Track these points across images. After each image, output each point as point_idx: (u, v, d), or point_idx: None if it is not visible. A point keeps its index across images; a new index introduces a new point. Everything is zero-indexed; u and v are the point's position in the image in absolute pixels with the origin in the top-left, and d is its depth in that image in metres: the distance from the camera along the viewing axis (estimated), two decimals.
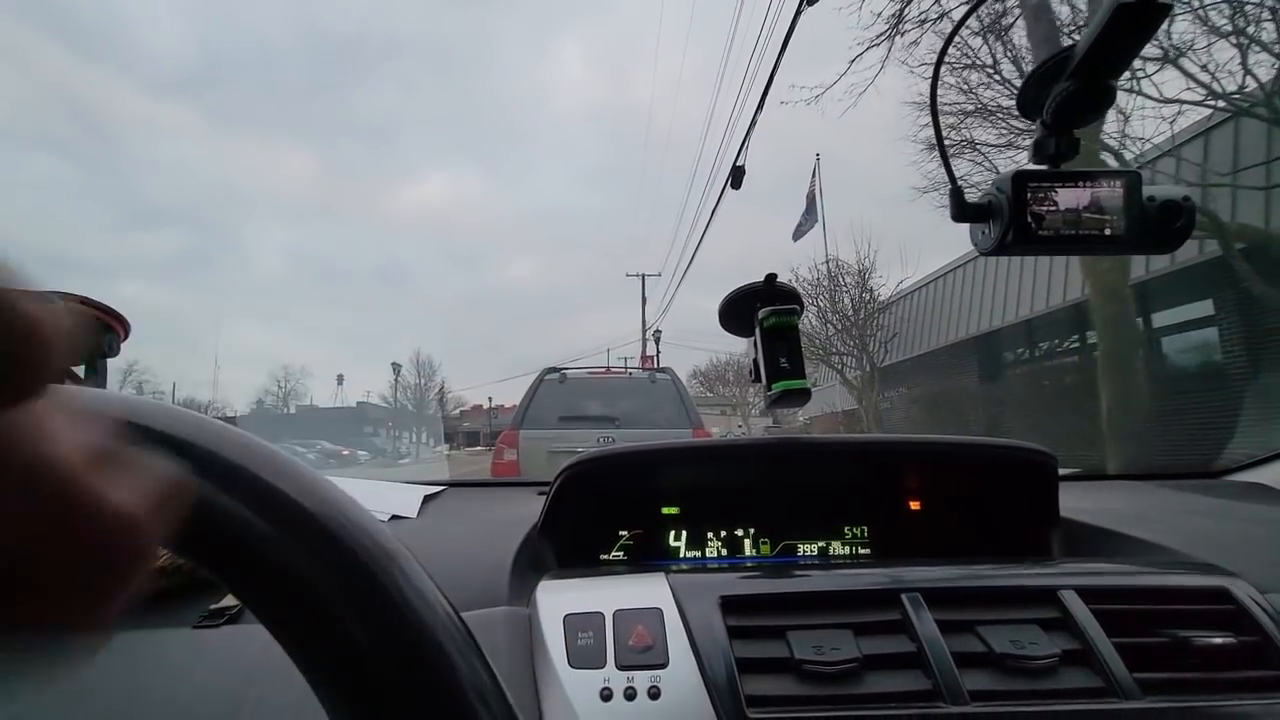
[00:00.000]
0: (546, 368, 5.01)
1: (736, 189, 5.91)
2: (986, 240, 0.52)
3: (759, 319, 0.68)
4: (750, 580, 0.54)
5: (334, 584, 0.21)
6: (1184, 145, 5.79)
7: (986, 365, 10.20)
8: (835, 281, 12.71)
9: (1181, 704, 0.44)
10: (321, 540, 0.21)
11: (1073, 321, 8.31)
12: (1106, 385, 4.91)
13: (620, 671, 0.47)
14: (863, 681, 0.45)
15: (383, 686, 0.20)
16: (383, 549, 0.22)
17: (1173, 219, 0.50)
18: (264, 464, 0.22)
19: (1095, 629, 0.48)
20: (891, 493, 0.82)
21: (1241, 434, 4.08)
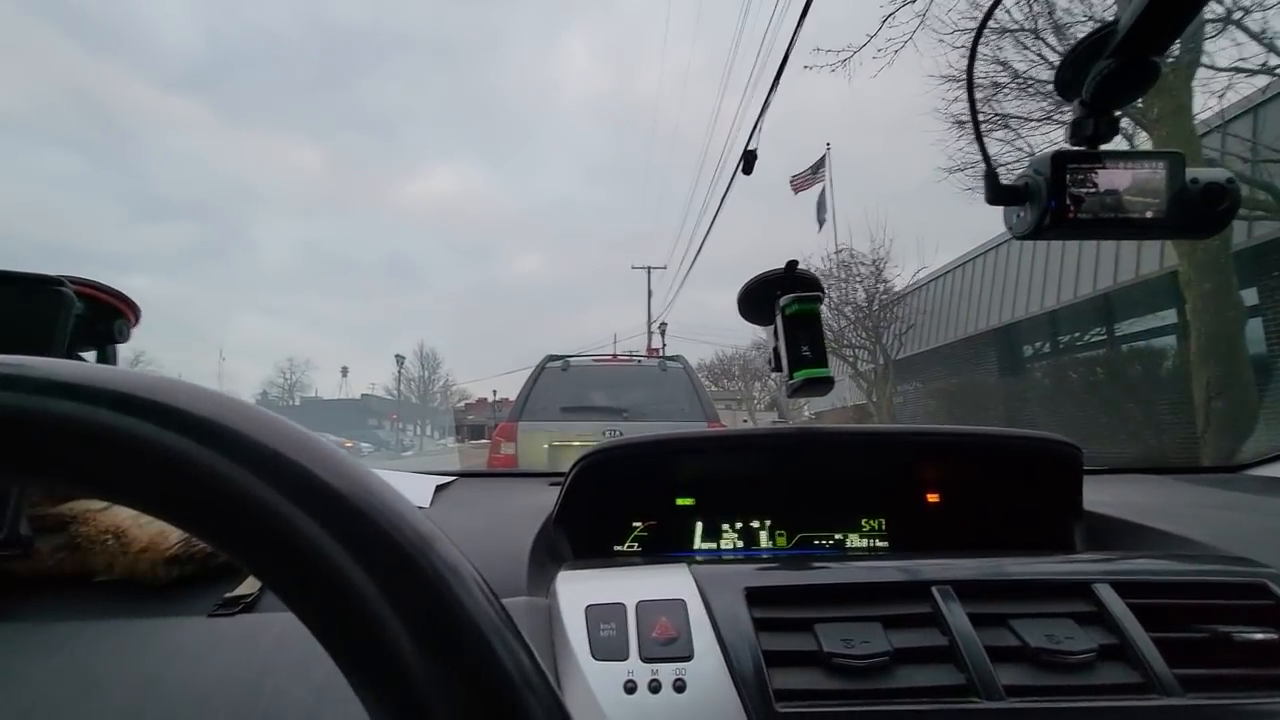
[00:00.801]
0: (548, 355, 4.67)
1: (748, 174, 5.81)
2: (1023, 224, 0.50)
3: (780, 306, 0.67)
4: (775, 571, 0.53)
5: (367, 568, 0.19)
6: (1233, 121, 5.56)
7: (1008, 358, 10.03)
8: (848, 271, 12.59)
9: (1225, 701, 0.43)
10: (352, 521, 0.20)
11: (1100, 312, 8.12)
12: (1205, 371, 4.39)
13: (645, 664, 0.46)
14: (894, 675, 0.44)
15: (422, 674, 0.19)
16: (417, 531, 0.21)
17: (1216, 202, 0.48)
18: (288, 443, 0.21)
19: (1132, 623, 0.47)
20: (910, 485, 0.81)
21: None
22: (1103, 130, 0.50)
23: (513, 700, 0.19)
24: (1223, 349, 4.36)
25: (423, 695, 0.19)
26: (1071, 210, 0.48)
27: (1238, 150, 5.41)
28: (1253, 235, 5.42)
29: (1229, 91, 5.29)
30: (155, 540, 0.58)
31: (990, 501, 0.78)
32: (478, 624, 0.20)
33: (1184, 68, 4.53)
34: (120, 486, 0.20)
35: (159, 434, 0.20)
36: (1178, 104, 4.44)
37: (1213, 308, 4.39)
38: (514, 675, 0.20)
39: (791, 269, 0.70)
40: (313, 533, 0.20)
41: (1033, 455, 0.73)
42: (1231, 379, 4.32)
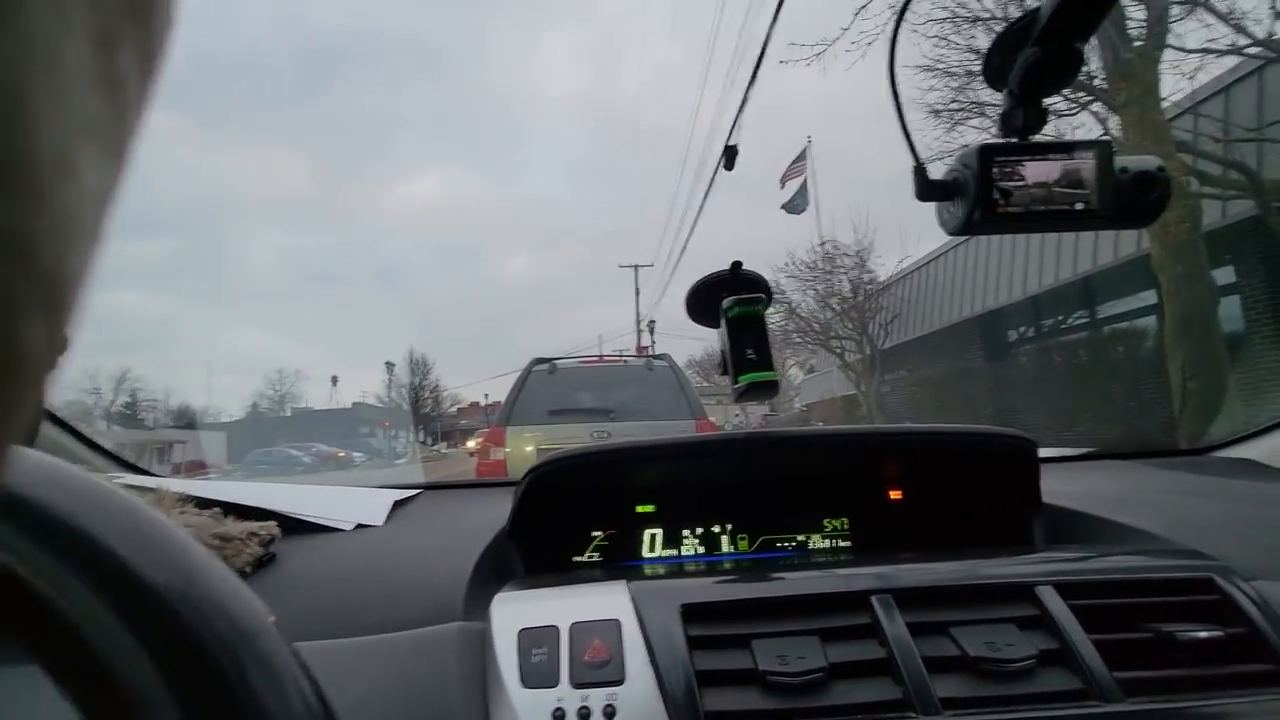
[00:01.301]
0: (534, 358, 4.71)
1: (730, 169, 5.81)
2: (953, 219, 0.49)
3: (724, 309, 0.66)
4: (715, 585, 0.52)
5: (158, 671, 0.17)
6: (1205, 102, 5.60)
7: (992, 344, 10.09)
8: (833, 263, 12.61)
9: (1165, 705, 0.42)
10: (150, 617, 0.18)
11: (1082, 295, 8.18)
12: (1179, 353, 4.39)
13: (575, 690, 0.44)
14: (829, 692, 0.43)
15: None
16: (235, 628, 0.19)
17: (1148, 190, 0.47)
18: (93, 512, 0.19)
19: (1074, 626, 0.45)
20: (871, 484, 0.80)
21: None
22: (1031, 120, 0.48)
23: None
24: (1196, 330, 4.38)
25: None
26: (1001, 204, 0.47)
27: (1210, 131, 5.45)
28: (1227, 215, 5.47)
29: (1199, 73, 5.34)
30: None
31: (950, 498, 0.77)
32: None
33: (1151, 51, 4.56)
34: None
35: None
36: (1146, 87, 4.45)
37: (1185, 289, 4.40)
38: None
39: (736, 270, 0.68)
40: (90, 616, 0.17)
41: (988, 451, 0.72)
42: (1205, 359, 4.34)
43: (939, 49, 6.77)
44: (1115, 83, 4.62)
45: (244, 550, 0.65)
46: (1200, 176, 5.01)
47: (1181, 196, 4.39)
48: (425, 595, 0.56)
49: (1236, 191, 4.98)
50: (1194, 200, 4.54)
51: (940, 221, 0.50)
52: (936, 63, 6.88)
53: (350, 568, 0.65)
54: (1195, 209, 4.47)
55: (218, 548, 0.63)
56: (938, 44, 6.70)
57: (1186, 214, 4.38)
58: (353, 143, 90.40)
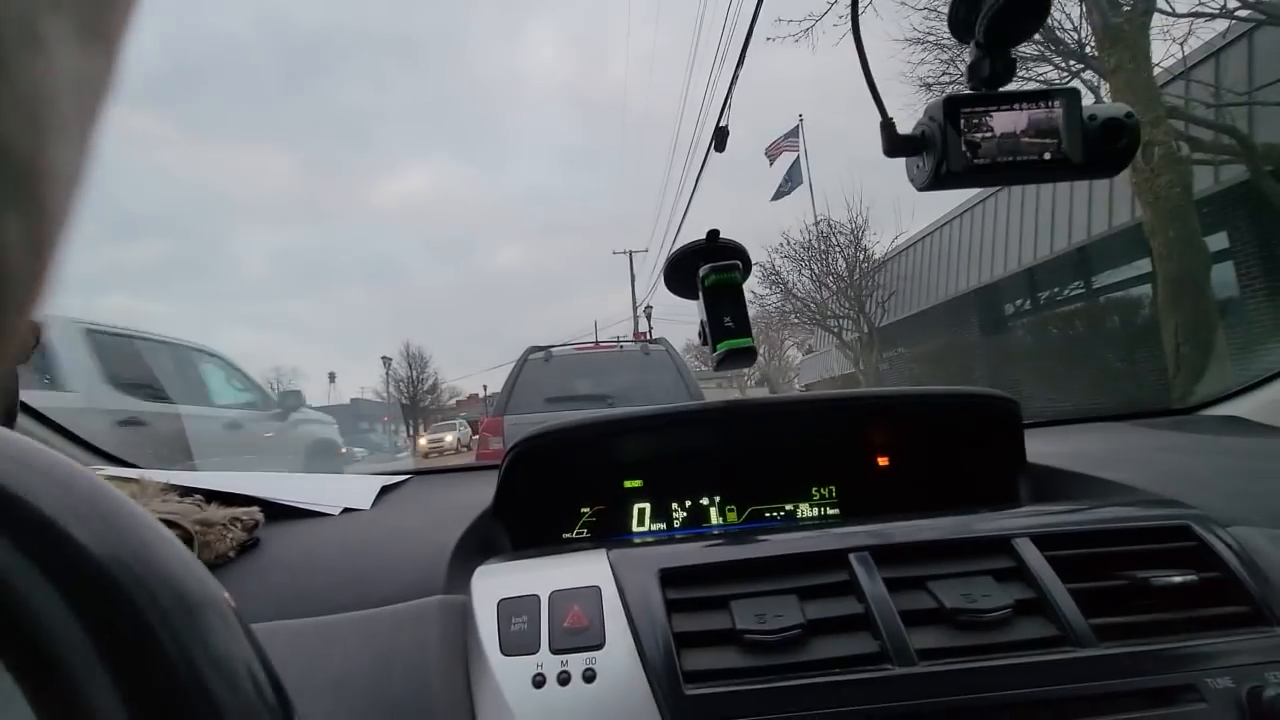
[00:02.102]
0: (530, 346, 4.71)
1: (720, 151, 5.76)
2: (922, 174, 0.49)
3: (700, 278, 0.65)
4: (695, 550, 0.52)
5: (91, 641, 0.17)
6: (1196, 67, 5.57)
7: (989, 318, 10.10)
8: (828, 242, 12.57)
9: (1140, 648, 0.42)
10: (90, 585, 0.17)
11: (1077, 266, 8.18)
12: (1173, 317, 4.39)
13: (554, 656, 0.44)
14: (806, 648, 0.43)
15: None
16: (180, 602, 0.18)
17: (1115, 138, 0.46)
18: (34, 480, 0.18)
19: (1050, 576, 0.46)
20: (858, 450, 0.80)
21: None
22: (999, 71, 0.48)
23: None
24: (1189, 294, 4.37)
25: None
26: (969, 156, 0.46)
27: (1202, 96, 5.41)
28: (1219, 180, 5.45)
29: (1190, 37, 5.30)
30: None
31: (936, 461, 0.77)
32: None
33: (1139, 15, 4.52)
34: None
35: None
36: (1135, 52, 4.41)
37: (1177, 254, 4.39)
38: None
39: (713, 239, 0.68)
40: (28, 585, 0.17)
41: (972, 412, 0.72)
42: (1198, 323, 4.34)
43: (929, 21, 6.71)
44: (1105, 48, 4.58)
45: (226, 535, 0.65)
46: (1192, 142, 4.99)
47: (1172, 161, 4.37)
48: (407, 572, 0.56)
49: (1229, 157, 4.95)
50: (1185, 165, 4.52)
51: (910, 177, 0.50)
52: (926, 35, 6.83)
53: (334, 549, 0.65)
54: (1186, 174, 4.45)
55: (200, 533, 0.63)
56: (928, 16, 6.65)
57: (1178, 179, 4.36)
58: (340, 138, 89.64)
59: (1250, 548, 0.49)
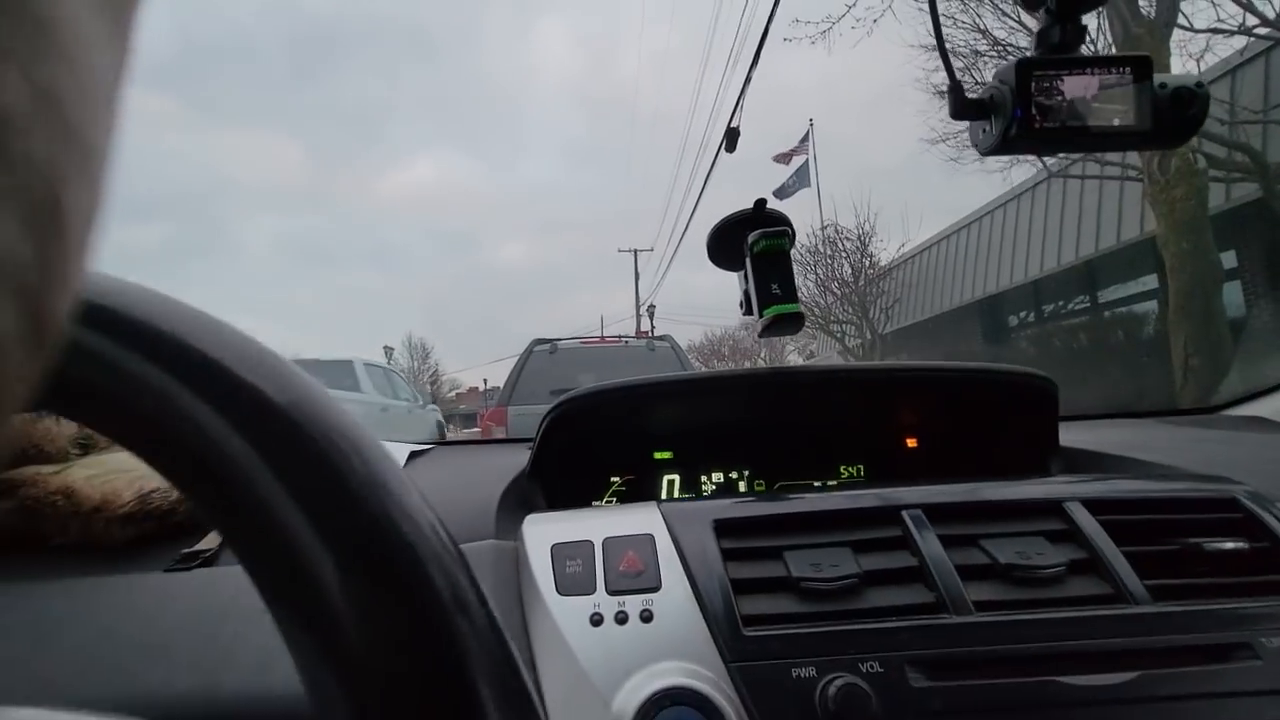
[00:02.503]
0: (535, 339, 4.75)
1: (731, 152, 5.77)
2: (988, 138, 0.49)
3: (749, 244, 0.65)
4: (744, 504, 0.52)
5: (268, 464, 0.17)
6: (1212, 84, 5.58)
7: (993, 329, 10.12)
8: (834, 247, 12.58)
9: (1193, 607, 0.42)
10: (253, 409, 0.18)
11: (1083, 280, 8.19)
12: (1183, 329, 4.42)
13: (611, 596, 0.45)
14: (863, 596, 0.44)
15: (341, 593, 0.17)
16: (341, 433, 0.18)
17: (1185, 106, 0.47)
18: (200, 333, 0.19)
19: (1103, 538, 0.46)
20: (887, 428, 0.80)
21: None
22: (1069, 38, 0.48)
23: (443, 624, 0.17)
24: (1199, 307, 4.39)
25: (340, 615, 0.17)
26: (1038, 120, 0.46)
27: (1216, 113, 5.42)
28: (1231, 198, 5.46)
29: (1207, 54, 5.30)
30: (108, 499, 0.56)
31: (968, 440, 0.78)
32: (408, 540, 0.18)
33: (1159, 29, 4.53)
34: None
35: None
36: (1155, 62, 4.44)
37: (1189, 266, 4.42)
38: (446, 597, 0.18)
39: (760, 208, 0.68)
40: (198, 414, 0.18)
41: (1009, 389, 0.73)
42: (1207, 335, 4.35)
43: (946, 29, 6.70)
44: None
45: None
46: (1206, 159, 5.00)
47: (1187, 174, 4.38)
48: (455, 519, 0.56)
49: (1241, 174, 4.96)
50: (1201, 178, 4.53)
51: (974, 142, 0.50)
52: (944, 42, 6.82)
53: None
54: (1201, 186, 4.46)
55: None
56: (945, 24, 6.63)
57: (1193, 191, 4.37)
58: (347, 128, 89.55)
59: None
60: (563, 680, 0.42)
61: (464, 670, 0.17)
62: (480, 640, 0.18)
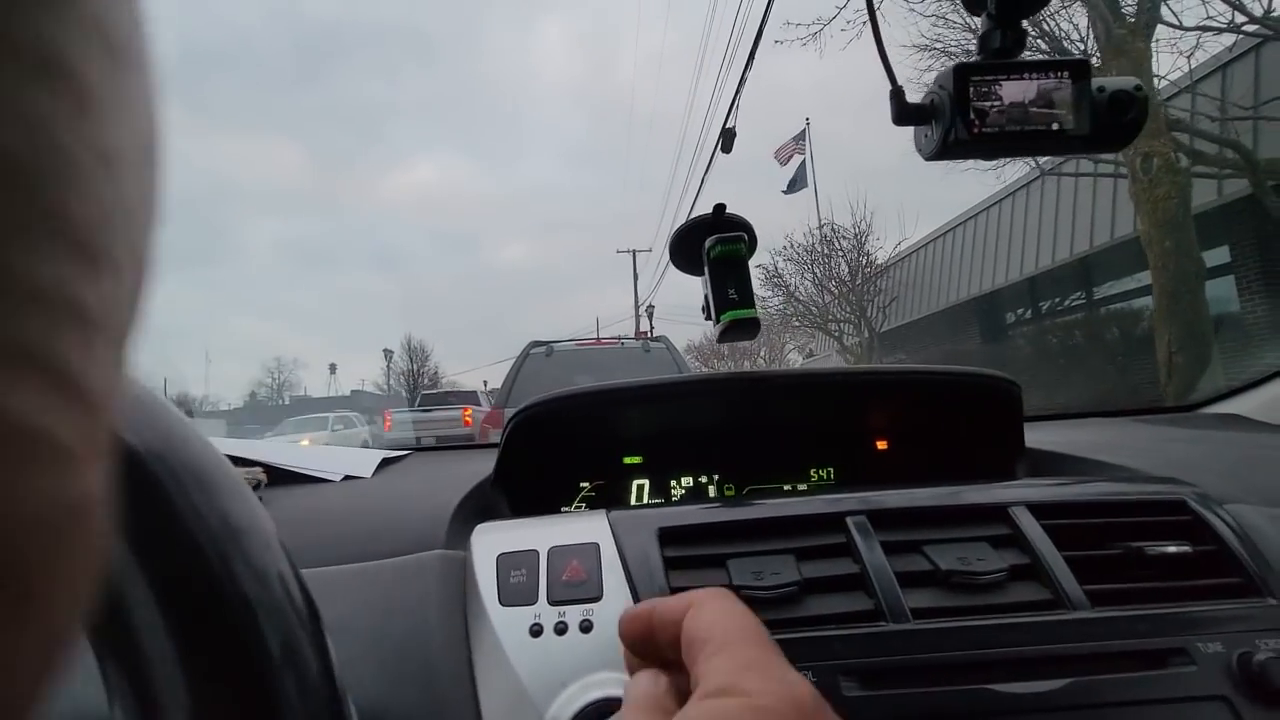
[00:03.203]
0: (531, 341, 4.79)
1: (727, 152, 5.79)
2: (930, 143, 0.49)
3: (705, 249, 0.65)
4: (691, 511, 0.52)
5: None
6: (1202, 81, 5.60)
7: (990, 326, 10.11)
8: (831, 246, 12.59)
9: (1132, 612, 0.42)
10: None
11: (1078, 277, 8.20)
12: (1167, 326, 4.43)
13: (552, 607, 0.45)
14: (802, 605, 0.44)
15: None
16: (197, 476, 0.18)
17: (1123, 111, 0.47)
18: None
19: (1045, 544, 0.46)
20: (856, 431, 0.80)
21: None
22: (1010, 43, 0.48)
23: (265, 679, 0.17)
24: (1184, 305, 4.41)
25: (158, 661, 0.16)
26: (977, 125, 0.46)
27: (1207, 109, 5.43)
28: (1223, 194, 5.46)
29: (1196, 50, 5.31)
30: None
31: (936, 443, 0.78)
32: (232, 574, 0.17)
33: (1141, 28, 4.55)
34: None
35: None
36: (1136, 64, 4.45)
37: (1173, 264, 4.44)
38: (275, 652, 0.17)
39: (719, 213, 0.68)
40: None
41: (974, 391, 0.73)
42: (1191, 332, 4.38)
43: (936, 29, 6.73)
44: (1107, 59, 4.61)
45: None
46: (1196, 155, 5.00)
47: (1169, 172, 4.39)
48: (407, 529, 0.56)
49: (1232, 170, 4.97)
50: (1183, 177, 4.55)
51: (918, 146, 0.50)
52: (934, 42, 6.85)
53: (335, 509, 0.65)
54: (1184, 185, 4.49)
55: None
56: (935, 23, 6.67)
57: (1175, 190, 4.40)
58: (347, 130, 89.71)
59: (1245, 524, 0.49)
60: (500, 692, 0.42)
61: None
62: (306, 700, 0.17)
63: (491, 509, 0.70)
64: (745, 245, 0.66)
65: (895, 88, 0.49)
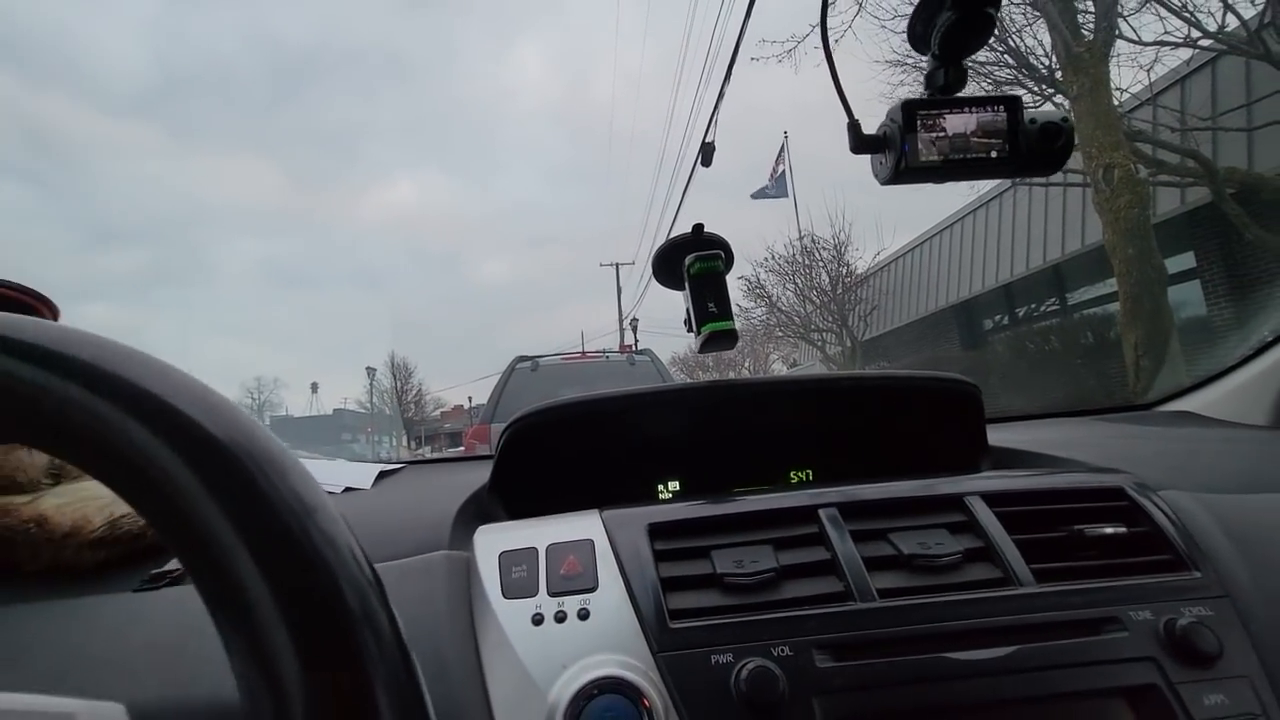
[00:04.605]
0: (517, 356, 4.81)
1: (707, 166, 5.90)
2: (884, 170, 0.54)
3: (685, 267, 0.70)
4: (678, 508, 0.57)
5: (193, 475, 0.20)
6: (1162, 93, 5.84)
7: (968, 332, 10.32)
8: (811, 257, 12.77)
9: (1073, 587, 0.47)
10: (182, 434, 0.21)
11: (1051, 283, 8.42)
12: (1132, 330, 4.58)
13: (551, 598, 0.49)
14: (779, 589, 0.48)
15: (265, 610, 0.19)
16: (270, 461, 0.21)
17: (1053, 140, 0.53)
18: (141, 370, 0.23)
19: (997, 529, 0.51)
20: (832, 434, 0.85)
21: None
22: (952, 80, 0.54)
23: (350, 635, 0.20)
24: (1147, 309, 4.57)
25: (264, 620, 0.19)
26: (923, 153, 0.52)
27: (1167, 121, 5.64)
28: (1185, 201, 5.66)
29: (1155, 65, 5.53)
30: (78, 525, 0.58)
31: (905, 444, 0.83)
32: (314, 543, 0.21)
33: (1099, 45, 4.74)
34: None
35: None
36: (1096, 80, 4.64)
37: (1136, 271, 4.60)
38: (355, 612, 0.20)
39: (698, 232, 0.73)
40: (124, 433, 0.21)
41: (939, 394, 0.78)
42: (1154, 336, 4.53)
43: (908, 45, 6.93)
44: (1068, 76, 4.79)
45: None
46: (1159, 165, 5.19)
47: (1130, 183, 4.57)
48: (411, 534, 0.60)
49: (1193, 179, 5.16)
50: (1143, 187, 4.73)
51: (874, 173, 0.56)
52: (905, 58, 7.05)
53: None
54: (1144, 195, 4.68)
55: None
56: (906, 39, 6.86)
57: (1135, 200, 4.59)
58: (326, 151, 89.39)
59: (1177, 507, 0.55)
60: (506, 677, 0.45)
61: (365, 676, 0.20)
62: (383, 651, 0.21)
63: (488, 514, 0.73)
64: (722, 261, 0.71)
65: (852, 120, 0.55)
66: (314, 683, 0.19)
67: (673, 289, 0.78)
